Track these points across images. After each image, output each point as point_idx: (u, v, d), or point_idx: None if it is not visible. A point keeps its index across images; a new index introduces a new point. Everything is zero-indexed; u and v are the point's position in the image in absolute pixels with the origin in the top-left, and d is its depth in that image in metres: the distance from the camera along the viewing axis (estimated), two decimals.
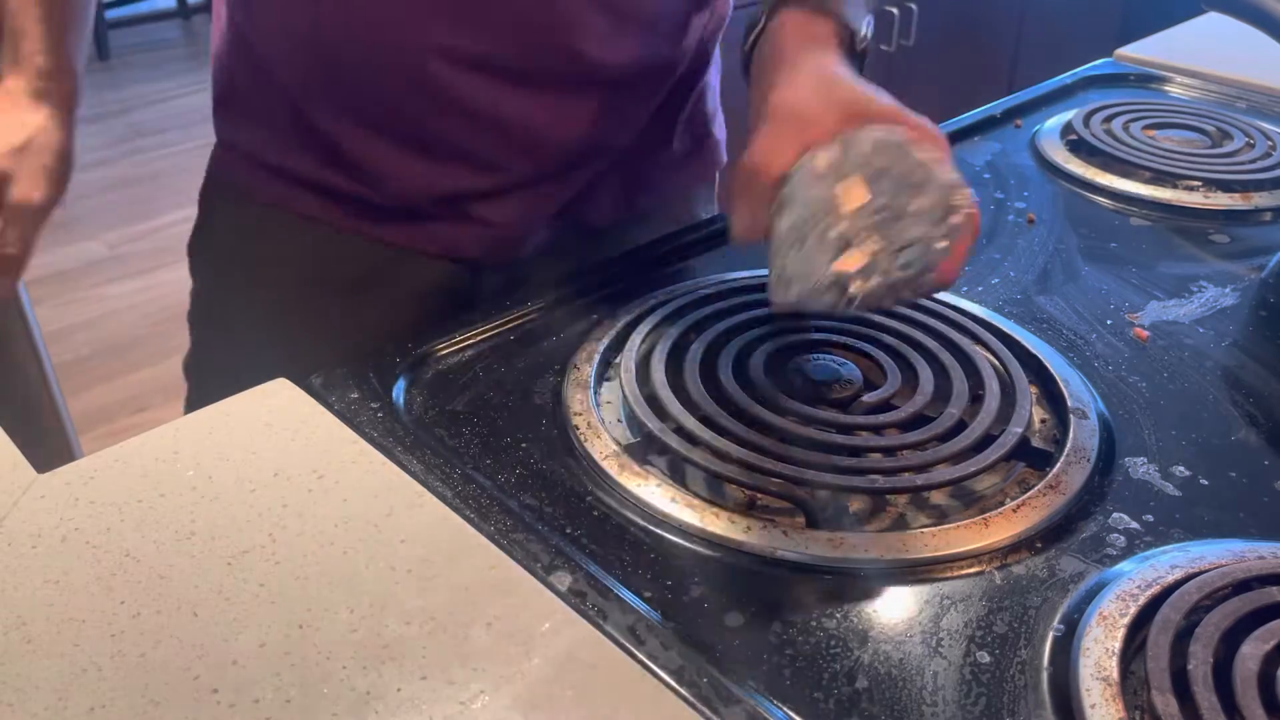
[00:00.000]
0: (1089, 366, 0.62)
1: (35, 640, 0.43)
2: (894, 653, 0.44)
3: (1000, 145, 0.92)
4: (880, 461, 0.52)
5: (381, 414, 0.57)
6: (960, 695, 0.42)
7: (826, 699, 0.42)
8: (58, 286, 2.57)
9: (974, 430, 0.54)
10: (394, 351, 0.62)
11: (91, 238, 2.78)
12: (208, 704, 0.40)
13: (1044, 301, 0.69)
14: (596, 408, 0.56)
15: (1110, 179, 0.85)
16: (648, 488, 0.51)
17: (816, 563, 0.48)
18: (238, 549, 0.47)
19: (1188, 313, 0.68)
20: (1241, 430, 0.57)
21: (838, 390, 0.57)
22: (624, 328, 0.63)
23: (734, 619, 0.45)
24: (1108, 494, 0.52)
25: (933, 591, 0.47)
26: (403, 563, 0.47)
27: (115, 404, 2.17)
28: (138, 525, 0.48)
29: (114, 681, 0.41)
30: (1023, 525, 0.49)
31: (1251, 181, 0.84)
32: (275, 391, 0.58)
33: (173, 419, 0.56)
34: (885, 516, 0.51)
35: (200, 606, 0.44)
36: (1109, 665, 0.41)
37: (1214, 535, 0.50)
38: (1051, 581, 0.47)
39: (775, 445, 0.52)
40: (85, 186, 3.08)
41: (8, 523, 0.49)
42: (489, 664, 0.42)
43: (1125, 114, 0.96)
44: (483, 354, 0.63)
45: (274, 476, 0.52)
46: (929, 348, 0.61)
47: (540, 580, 0.46)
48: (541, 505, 0.51)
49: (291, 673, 0.41)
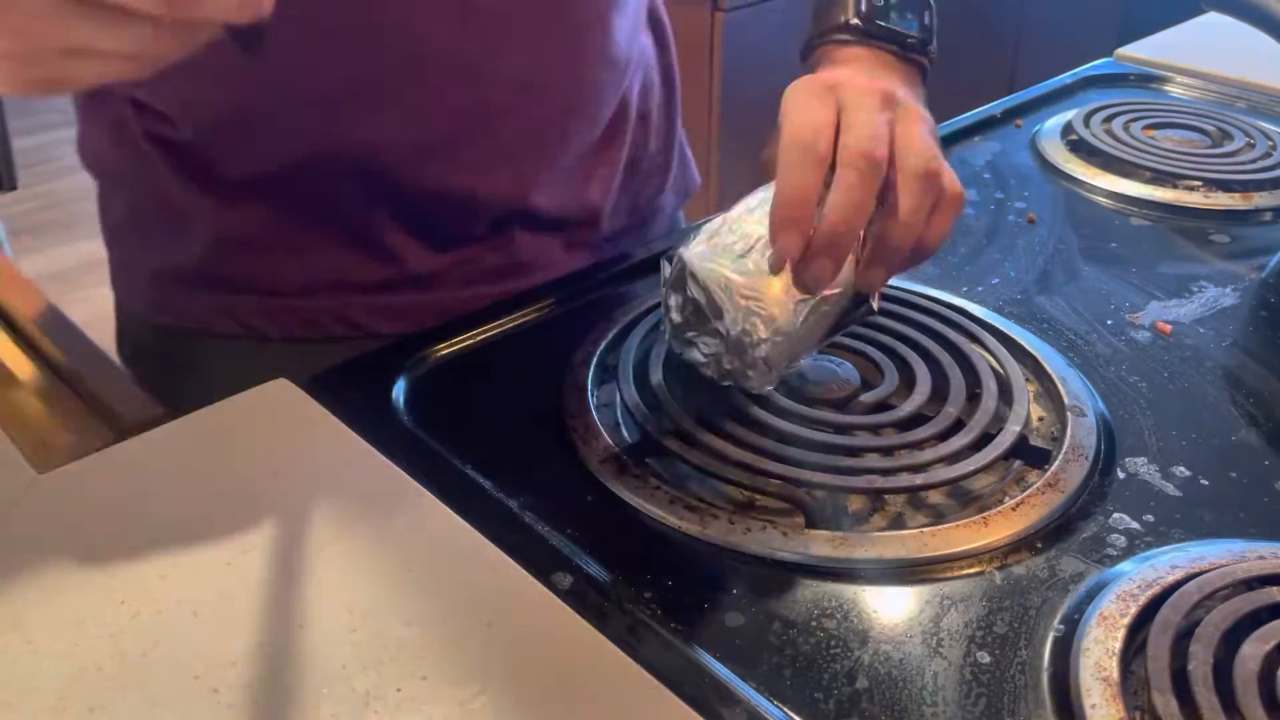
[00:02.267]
0: (1089, 367, 0.62)
1: (35, 640, 0.43)
2: (894, 653, 0.44)
3: (1000, 145, 0.92)
4: (878, 461, 0.52)
5: (381, 414, 0.57)
6: (960, 695, 0.42)
7: (826, 699, 0.42)
8: (58, 286, 2.57)
9: (972, 429, 0.54)
10: (394, 351, 0.62)
11: (91, 238, 2.78)
12: (208, 704, 0.40)
13: (1044, 301, 0.69)
14: (595, 409, 0.56)
15: (1110, 179, 0.85)
16: (646, 489, 0.51)
17: (816, 563, 0.48)
18: (238, 549, 0.47)
19: (1188, 313, 0.68)
20: (1242, 430, 0.57)
21: (835, 390, 0.57)
22: (621, 329, 0.63)
23: (734, 619, 0.45)
24: (1108, 494, 0.52)
25: (933, 591, 0.47)
26: (403, 563, 0.47)
27: None
28: (137, 525, 0.48)
29: (114, 681, 0.41)
30: (1022, 524, 0.49)
31: (1252, 181, 0.84)
32: (275, 391, 0.58)
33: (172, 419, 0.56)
34: (884, 516, 0.51)
35: (200, 606, 0.44)
36: (1109, 665, 0.41)
37: (1214, 535, 0.50)
38: (1052, 581, 0.47)
39: (773, 446, 0.52)
40: (85, 187, 3.07)
41: (8, 523, 0.49)
42: (489, 664, 0.42)
43: (1125, 114, 0.96)
44: (482, 354, 0.63)
45: (274, 476, 0.52)
46: (926, 347, 0.61)
47: (540, 580, 0.46)
48: (541, 506, 0.51)
49: (291, 673, 0.41)
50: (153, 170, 0.66)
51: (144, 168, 0.66)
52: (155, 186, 0.67)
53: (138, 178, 0.68)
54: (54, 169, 3.18)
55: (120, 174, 0.70)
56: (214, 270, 0.68)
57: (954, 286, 0.69)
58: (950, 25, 0.65)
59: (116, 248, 0.74)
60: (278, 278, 0.67)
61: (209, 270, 0.68)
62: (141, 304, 0.72)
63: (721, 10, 1.98)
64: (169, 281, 0.70)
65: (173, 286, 0.69)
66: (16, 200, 3.00)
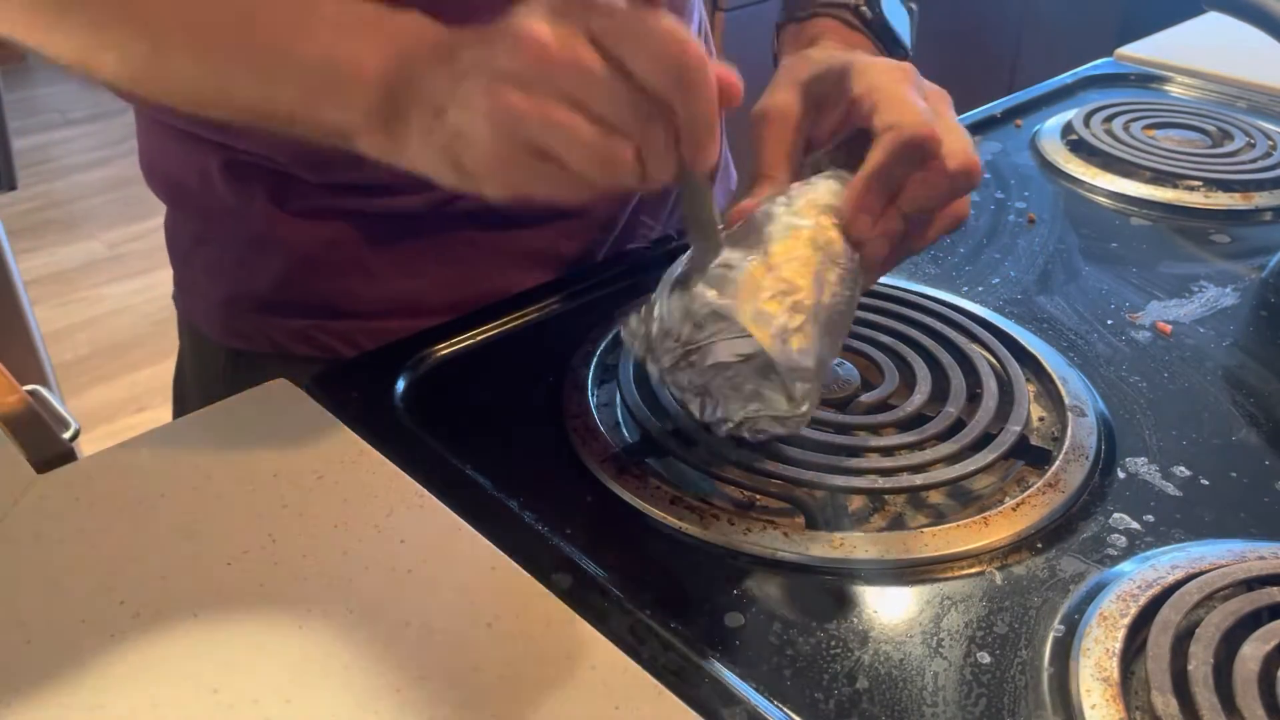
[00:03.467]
0: (1089, 366, 0.62)
1: (35, 640, 0.43)
2: (894, 653, 0.44)
3: (1000, 145, 0.92)
4: (879, 461, 0.52)
5: (381, 414, 0.57)
6: (961, 695, 0.42)
7: (826, 699, 0.42)
8: (58, 286, 2.57)
9: (972, 429, 0.54)
10: (394, 351, 0.62)
11: (91, 238, 2.78)
12: (208, 704, 0.40)
13: (1044, 301, 0.69)
14: (595, 409, 0.56)
15: (1110, 179, 0.85)
16: (647, 489, 0.51)
17: (816, 563, 0.48)
18: (238, 549, 0.47)
19: (1188, 313, 0.68)
20: (1242, 430, 0.57)
21: (835, 390, 0.57)
22: None
23: (734, 619, 0.45)
24: (1108, 494, 0.52)
25: (933, 591, 0.47)
26: (403, 563, 0.47)
27: (115, 404, 2.17)
28: (138, 525, 0.48)
29: (114, 681, 0.41)
30: (1023, 524, 0.49)
31: (1252, 181, 0.84)
32: (275, 391, 0.58)
33: (172, 419, 0.56)
34: (884, 516, 0.51)
35: (200, 606, 0.44)
36: (1109, 665, 0.41)
37: (1214, 535, 0.50)
38: (1052, 582, 0.47)
39: (774, 446, 0.52)
40: (85, 187, 3.08)
41: (8, 523, 0.49)
42: (489, 664, 0.42)
43: (1125, 114, 0.96)
44: (482, 354, 0.63)
45: (274, 476, 0.52)
46: (926, 347, 0.61)
47: (540, 580, 0.46)
48: (541, 505, 0.51)
49: (291, 672, 0.41)
50: (233, 195, 0.65)
51: (224, 192, 0.65)
52: (234, 211, 0.66)
53: (215, 202, 0.66)
54: (54, 169, 3.19)
55: (194, 198, 0.68)
56: (291, 294, 0.67)
57: (954, 286, 0.69)
58: (950, 25, 0.66)
59: (187, 270, 0.73)
60: (356, 300, 0.67)
61: (286, 294, 0.67)
62: (212, 327, 0.71)
63: (721, 10, 1.98)
64: (243, 306, 0.69)
65: (247, 311, 0.69)
66: (16, 200, 3.00)
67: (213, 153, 0.64)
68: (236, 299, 0.69)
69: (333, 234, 0.65)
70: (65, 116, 3.59)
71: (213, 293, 0.70)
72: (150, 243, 2.76)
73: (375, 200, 0.64)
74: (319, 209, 0.64)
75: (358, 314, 0.67)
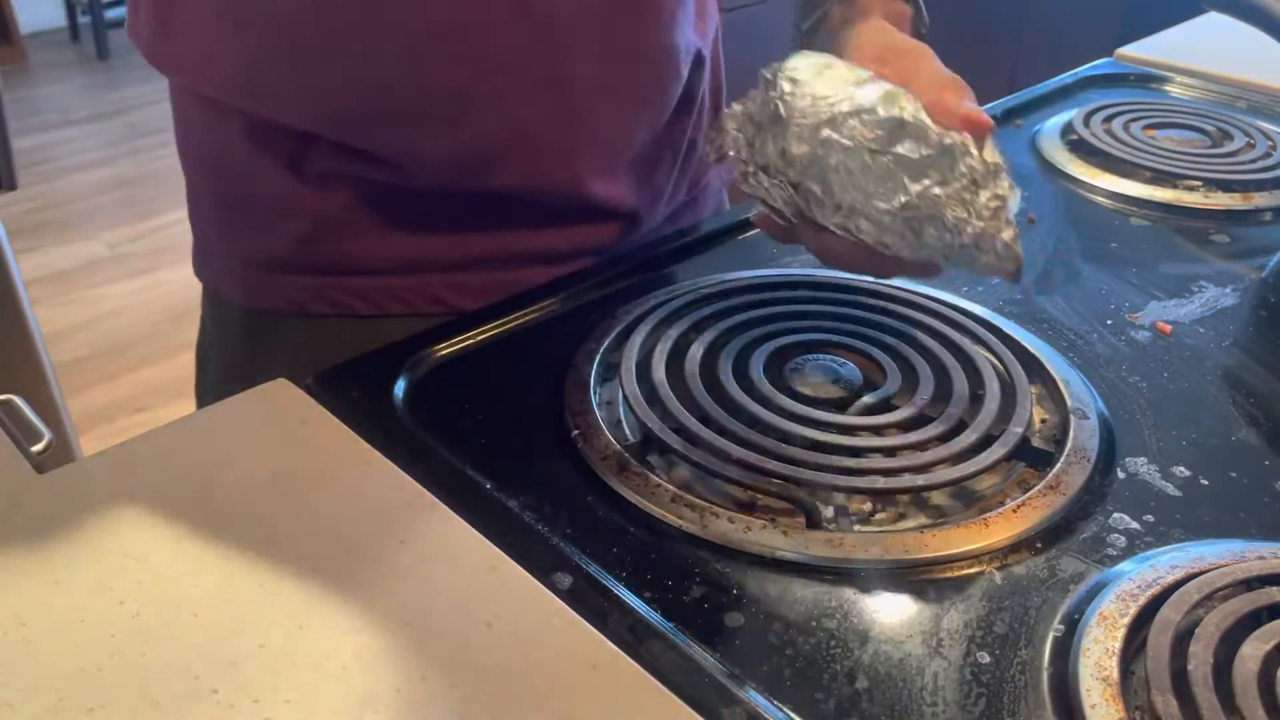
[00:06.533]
0: (1089, 366, 0.62)
1: (35, 640, 0.43)
2: (894, 653, 0.44)
3: (1000, 145, 0.92)
4: (880, 461, 0.52)
5: (381, 414, 0.57)
6: (960, 695, 0.42)
7: (826, 699, 0.42)
8: (58, 286, 2.57)
9: (974, 430, 0.54)
10: (394, 351, 0.62)
11: (91, 238, 2.78)
12: (208, 704, 0.40)
13: (1044, 301, 0.69)
14: (596, 407, 0.56)
15: (1110, 179, 0.85)
16: (647, 488, 0.51)
17: (816, 563, 0.48)
18: (238, 549, 0.47)
19: (1188, 313, 0.68)
20: (1242, 430, 0.57)
21: (837, 390, 0.57)
22: (624, 328, 0.63)
23: (734, 619, 0.45)
24: (1108, 494, 0.52)
25: (933, 592, 0.47)
26: (403, 563, 0.47)
27: (115, 404, 2.17)
28: (138, 525, 0.48)
29: (114, 681, 0.41)
30: (1023, 525, 0.49)
31: (1252, 181, 0.84)
32: (275, 391, 0.58)
33: (173, 419, 0.56)
34: (885, 517, 0.51)
35: (200, 606, 0.44)
36: (1109, 665, 0.41)
37: (1214, 535, 0.50)
38: (1052, 581, 0.47)
39: (775, 445, 0.52)
40: (85, 186, 3.08)
41: (8, 523, 0.49)
42: (489, 664, 0.42)
43: (1125, 114, 0.96)
44: (483, 354, 0.63)
45: (274, 476, 0.52)
46: (929, 347, 0.61)
47: (540, 580, 0.46)
48: (541, 505, 0.51)
49: (291, 673, 0.41)
50: (254, 160, 0.68)
51: (245, 157, 0.68)
52: (254, 178, 0.69)
53: (237, 169, 0.70)
54: (54, 169, 3.19)
55: (217, 162, 0.71)
56: (309, 254, 0.70)
57: (954, 286, 0.69)
58: (950, 25, 0.67)
59: (208, 235, 0.76)
60: (370, 259, 0.70)
61: (304, 255, 0.70)
62: (232, 288, 0.74)
63: (722, 10, 1.98)
64: (263, 267, 0.72)
65: (266, 271, 0.72)
66: (16, 200, 3.01)
67: (234, 118, 0.67)
68: (257, 259, 0.72)
69: (349, 197, 0.68)
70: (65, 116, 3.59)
71: (234, 254, 0.73)
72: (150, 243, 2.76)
73: (388, 168, 0.66)
74: (336, 174, 0.67)
75: (373, 270, 0.70)
